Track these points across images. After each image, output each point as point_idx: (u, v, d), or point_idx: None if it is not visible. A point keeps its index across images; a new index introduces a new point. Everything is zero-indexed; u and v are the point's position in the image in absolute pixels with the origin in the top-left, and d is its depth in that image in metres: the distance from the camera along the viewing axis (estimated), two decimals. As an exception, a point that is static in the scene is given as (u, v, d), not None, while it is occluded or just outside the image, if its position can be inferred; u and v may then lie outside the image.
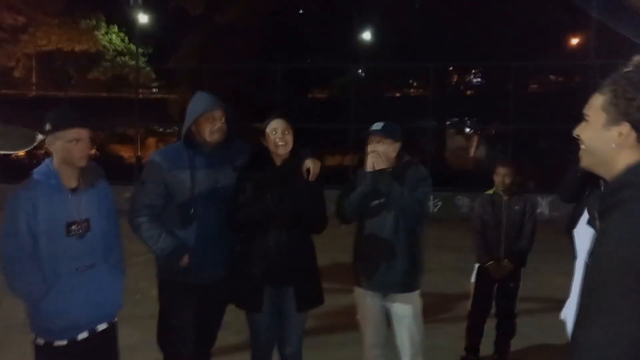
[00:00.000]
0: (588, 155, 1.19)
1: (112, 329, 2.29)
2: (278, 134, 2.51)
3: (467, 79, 21.48)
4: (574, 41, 18.23)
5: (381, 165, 2.52)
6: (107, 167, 2.46)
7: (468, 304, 3.71)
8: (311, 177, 2.52)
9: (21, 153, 19.04)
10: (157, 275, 2.62)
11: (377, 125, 2.61)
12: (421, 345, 2.67)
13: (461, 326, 3.92)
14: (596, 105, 1.15)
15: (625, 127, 1.10)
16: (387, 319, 2.73)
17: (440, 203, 11.93)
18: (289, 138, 2.54)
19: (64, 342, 2.12)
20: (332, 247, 2.75)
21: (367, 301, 2.69)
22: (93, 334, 2.20)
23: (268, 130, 2.53)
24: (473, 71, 20.70)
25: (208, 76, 15.09)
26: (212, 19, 17.77)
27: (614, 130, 1.11)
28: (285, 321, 2.58)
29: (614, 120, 1.11)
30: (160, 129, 21.89)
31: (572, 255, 1.50)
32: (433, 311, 2.73)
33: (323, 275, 2.69)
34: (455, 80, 21.04)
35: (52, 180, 2.12)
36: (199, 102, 2.54)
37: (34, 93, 20.73)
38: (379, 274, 2.60)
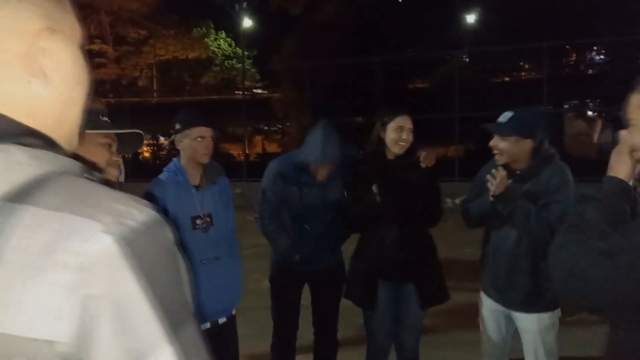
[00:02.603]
0: None
1: (232, 322, 2.38)
2: (403, 133, 2.46)
3: (588, 57, 19.43)
4: None
5: (500, 189, 2.22)
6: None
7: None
8: (423, 163, 2.46)
9: (146, 154, 21.11)
10: (272, 259, 2.87)
11: (503, 117, 2.28)
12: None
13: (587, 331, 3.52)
14: None
15: None
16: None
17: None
18: (411, 137, 2.48)
19: None
20: (441, 241, 2.62)
21: (489, 309, 2.45)
22: (215, 325, 2.30)
23: (392, 126, 2.47)
24: (594, 48, 18.67)
25: (309, 74, 15.40)
26: (311, 18, 18.11)
27: None
28: (403, 319, 2.51)
29: None
30: (265, 127, 22.90)
31: None
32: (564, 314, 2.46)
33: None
34: (573, 59, 19.16)
35: (179, 177, 2.27)
36: (314, 146, 2.57)
37: (155, 99, 22.80)
38: (500, 288, 2.36)
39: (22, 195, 0.46)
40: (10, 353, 0.43)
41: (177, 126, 2.28)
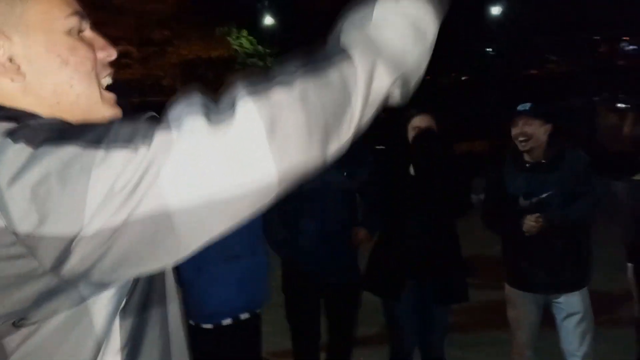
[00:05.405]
0: None
1: (254, 319, 2.36)
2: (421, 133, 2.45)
3: (619, 49, 18.81)
4: None
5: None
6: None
7: (634, 309, 3.18)
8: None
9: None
10: (282, 275, 2.77)
11: (524, 106, 2.45)
12: (592, 347, 2.40)
13: (628, 331, 3.39)
14: None
15: None
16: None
17: (591, 190, 10.62)
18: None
19: (210, 326, 2.25)
20: (465, 238, 2.58)
21: (522, 301, 2.43)
22: (236, 321, 2.28)
23: (411, 126, 2.47)
24: (625, 39, 18.06)
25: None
26: (329, 10, 18.07)
27: None
28: (426, 316, 2.46)
29: None
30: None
31: None
32: (594, 313, 2.40)
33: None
34: (603, 51, 18.58)
35: None
36: None
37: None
38: (542, 275, 2.34)
39: None
40: None
41: None
